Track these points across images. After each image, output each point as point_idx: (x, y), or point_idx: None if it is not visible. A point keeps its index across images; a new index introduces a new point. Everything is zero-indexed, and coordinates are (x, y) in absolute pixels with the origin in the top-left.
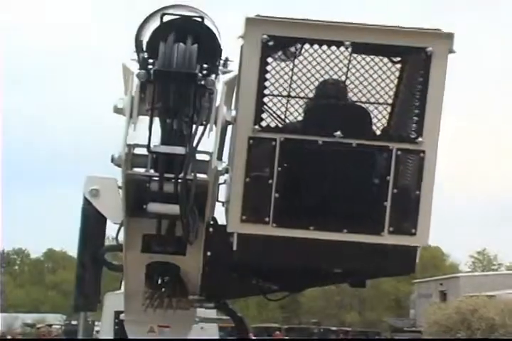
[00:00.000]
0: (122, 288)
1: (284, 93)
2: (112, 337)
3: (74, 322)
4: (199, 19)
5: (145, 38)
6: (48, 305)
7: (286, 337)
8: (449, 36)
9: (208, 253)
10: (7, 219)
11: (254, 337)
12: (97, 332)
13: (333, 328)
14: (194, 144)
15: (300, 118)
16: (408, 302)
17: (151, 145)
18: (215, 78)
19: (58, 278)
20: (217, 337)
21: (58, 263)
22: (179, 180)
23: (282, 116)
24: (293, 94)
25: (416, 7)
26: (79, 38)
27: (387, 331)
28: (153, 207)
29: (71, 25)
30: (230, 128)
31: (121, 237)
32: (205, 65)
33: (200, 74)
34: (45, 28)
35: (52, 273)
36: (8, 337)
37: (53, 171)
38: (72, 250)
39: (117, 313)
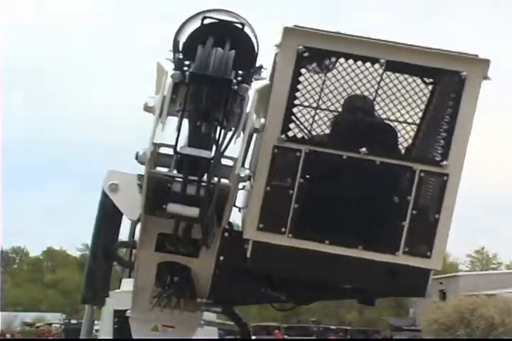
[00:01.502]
0: (122, 287)
1: (314, 105)
2: (111, 336)
3: (73, 321)
4: (239, 25)
5: (182, 39)
6: (46, 303)
7: (286, 336)
8: (485, 62)
9: (221, 258)
10: (6, 218)
11: (254, 337)
12: (97, 330)
13: (333, 327)
14: (222, 149)
15: (327, 131)
16: (408, 301)
17: (178, 147)
18: (249, 85)
19: (57, 276)
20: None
21: (57, 262)
22: (202, 184)
23: (309, 128)
24: (322, 106)
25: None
26: (79, 38)
27: (386, 330)
28: (173, 207)
29: (71, 26)
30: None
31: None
32: (240, 72)
33: (234, 81)
34: (45, 28)
35: (52, 272)
36: (8, 335)
37: (53, 170)
38: (71, 249)
39: (117, 312)
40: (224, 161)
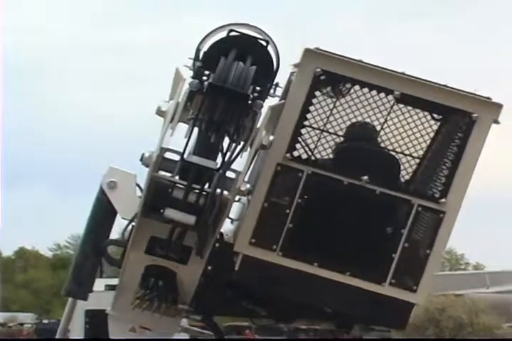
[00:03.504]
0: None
1: (323, 128)
2: (82, 336)
3: (45, 321)
4: (264, 42)
5: (204, 49)
6: (18, 304)
7: (256, 336)
8: (498, 106)
9: (209, 268)
10: None
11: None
12: (68, 330)
13: (303, 327)
14: (229, 162)
15: (332, 155)
16: None
17: (186, 154)
18: (263, 101)
19: (29, 277)
20: None
21: (29, 262)
22: (203, 193)
23: (315, 150)
24: (331, 130)
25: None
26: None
27: (356, 330)
28: (170, 213)
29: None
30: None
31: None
32: (257, 88)
33: (251, 96)
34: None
35: (23, 272)
36: None
37: (25, 171)
38: (44, 249)
39: (88, 312)
40: (227, 173)
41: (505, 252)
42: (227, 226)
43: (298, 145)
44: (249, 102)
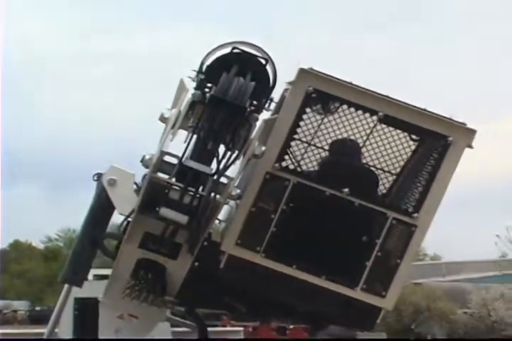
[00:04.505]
0: None
1: (310, 142)
2: (71, 323)
3: (38, 308)
4: (263, 61)
5: (207, 62)
6: (13, 292)
7: (232, 322)
8: (472, 132)
9: (196, 264)
10: None
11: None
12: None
13: None
14: (224, 168)
15: (317, 167)
16: None
17: (183, 159)
18: (258, 115)
19: (23, 267)
20: (169, 336)
21: (23, 254)
22: (197, 195)
23: (302, 162)
24: (317, 145)
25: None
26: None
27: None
28: (166, 211)
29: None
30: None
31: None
32: (254, 102)
33: (248, 109)
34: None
35: (18, 263)
36: None
37: (15, 167)
38: (36, 241)
39: (77, 300)
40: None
41: (460, 244)
42: (213, 226)
43: (286, 157)
44: (246, 115)
